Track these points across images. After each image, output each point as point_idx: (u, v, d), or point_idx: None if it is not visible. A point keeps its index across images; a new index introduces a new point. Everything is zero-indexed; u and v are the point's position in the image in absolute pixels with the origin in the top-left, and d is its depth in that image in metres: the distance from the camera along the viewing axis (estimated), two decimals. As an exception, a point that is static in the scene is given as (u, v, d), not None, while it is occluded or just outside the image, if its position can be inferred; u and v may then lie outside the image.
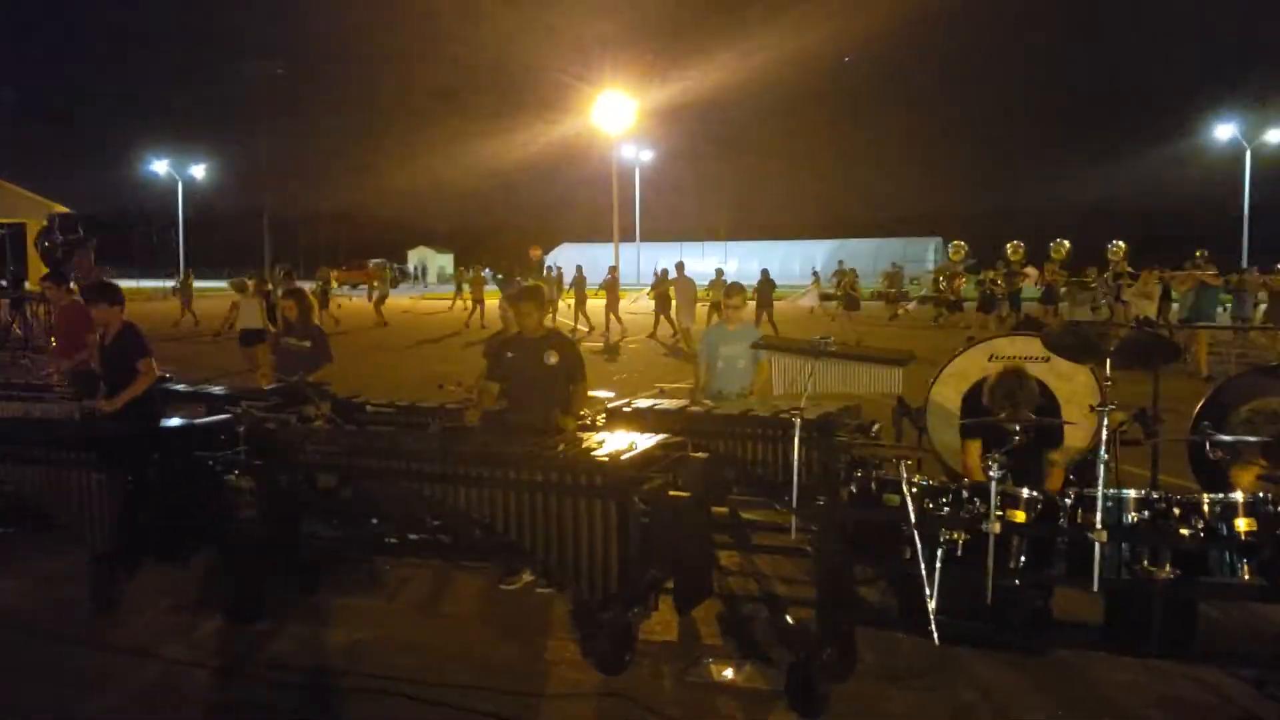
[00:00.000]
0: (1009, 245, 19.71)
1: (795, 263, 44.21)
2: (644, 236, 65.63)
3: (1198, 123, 62.46)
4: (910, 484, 4.38)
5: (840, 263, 40.07)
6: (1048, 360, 6.13)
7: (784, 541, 6.81)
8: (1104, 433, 4.22)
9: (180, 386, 8.43)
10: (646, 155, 65.69)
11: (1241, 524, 4.13)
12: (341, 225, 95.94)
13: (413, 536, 5.86)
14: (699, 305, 23.62)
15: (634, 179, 64.55)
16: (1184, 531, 4.09)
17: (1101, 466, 4.17)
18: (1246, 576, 4.14)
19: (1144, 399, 6.27)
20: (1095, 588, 4.10)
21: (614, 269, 29.95)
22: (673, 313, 22.95)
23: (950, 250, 19.95)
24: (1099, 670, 4.85)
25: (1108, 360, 4.33)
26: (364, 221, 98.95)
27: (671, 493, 5.21)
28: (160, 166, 66.16)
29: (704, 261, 44.60)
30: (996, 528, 4.20)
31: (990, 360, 6.27)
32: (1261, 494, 4.20)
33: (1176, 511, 4.23)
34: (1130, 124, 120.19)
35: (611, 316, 26.18)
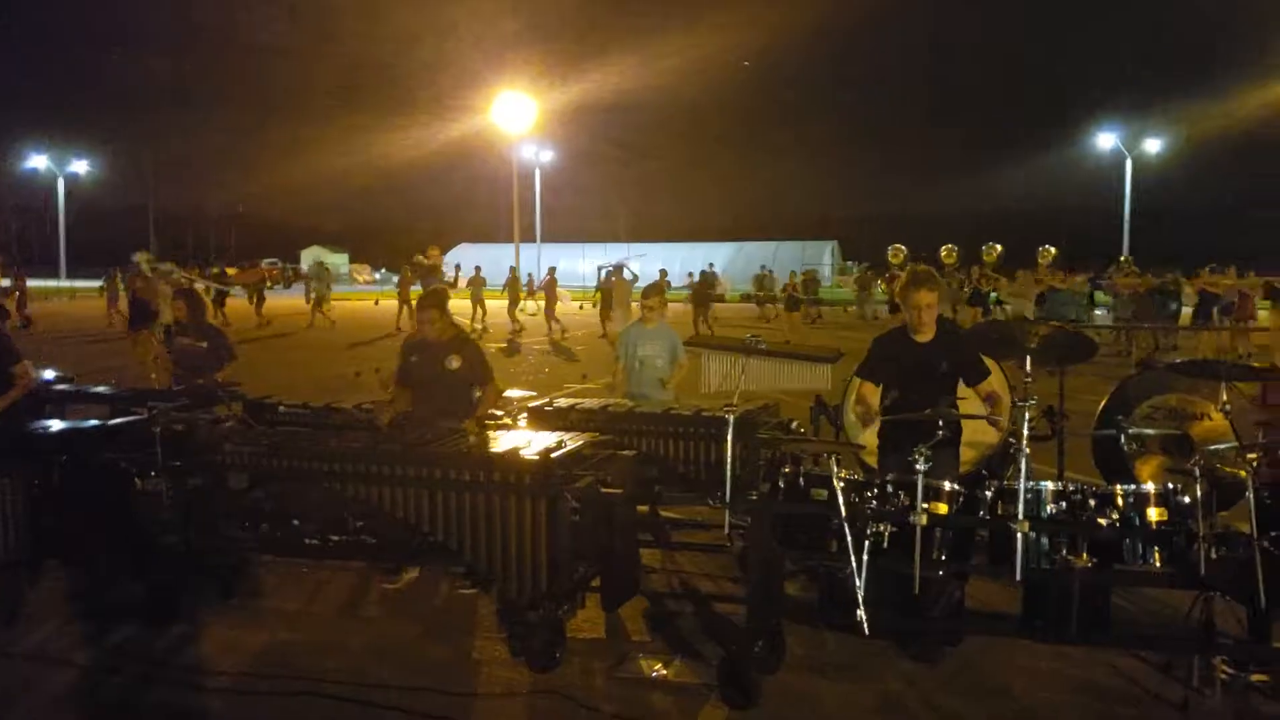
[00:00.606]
0: (890, 249, 19.92)
1: (696, 264, 44.45)
2: (545, 237, 65.41)
3: (1082, 131, 64.90)
4: (839, 478, 4.47)
5: (762, 267, 40.67)
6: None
7: (706, 538, 6.92)
8: (1025, 427, 4.38)
9: (81, 389, 8.14)
10: (547, 156, 65.53)
11: (1153, 514, 4.32)
12: (231, 224, 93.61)
13: (335, 538, 5.76)
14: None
15: (534, 179, 64.32)
16: (1101, 522, 4.26)
17: (1023, 460, 4.31)
18: (1158, 564, 4.33)
19: (1051, 396, 6.51)
20: (1018, 577, 4.25)
21: (553, 269, 30.39)
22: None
23: (890, 253, 19.86)
24: (1016, 657, 5.03)
25: (1028, 357, 4.49)
26: (255, 220, 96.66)
27: (604, 490, 5.23)
28: (39, 161, 63.72)
29: (606, 262, 44.67)
30: (924, 520, 4.32)
31: (838, 356, 6.41)
32: (1170, 485, 4.38)
33: (1092, 503, 4.40)
34: (1020, 131, 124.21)
35: (550, 316, 26.87)
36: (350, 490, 5.43)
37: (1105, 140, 54.98)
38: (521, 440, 5.47)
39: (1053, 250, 19.29)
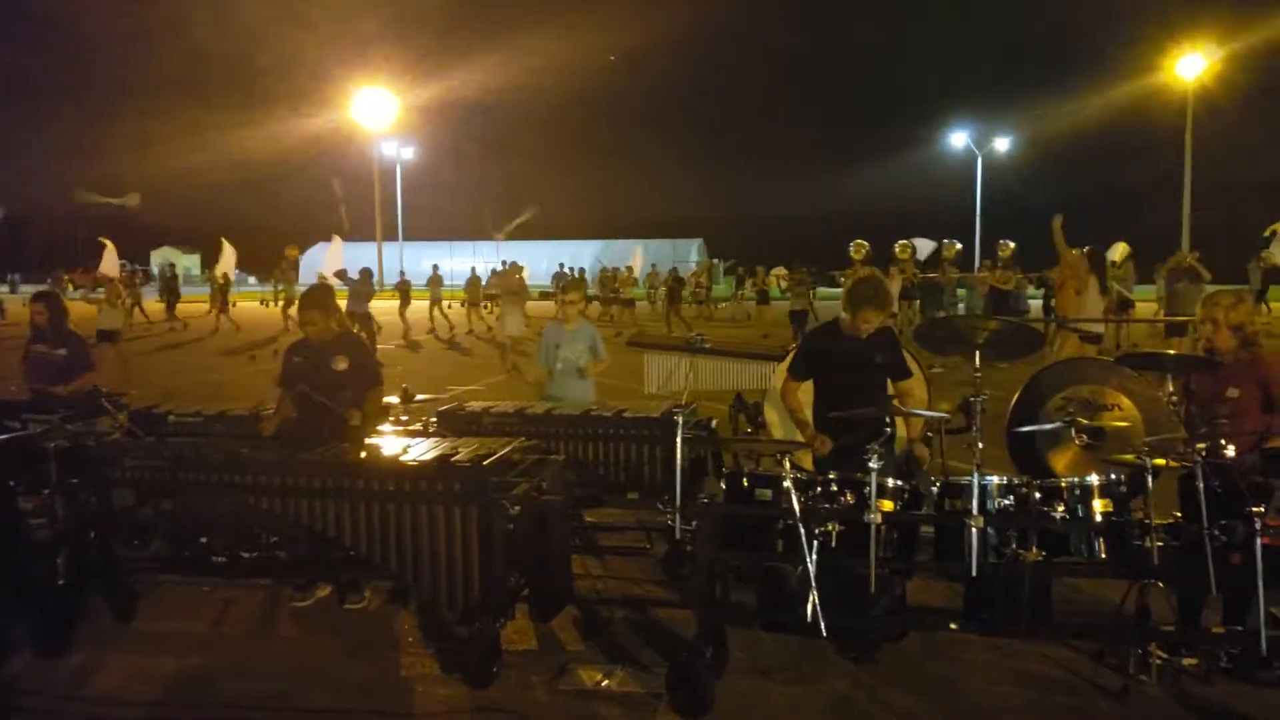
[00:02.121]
0: (853, 244, 19.67)
1: (564, 262, 44.43)
2: (409, 235, 64.34)
3: (936, 130, 67.15)
4: (790, 478, 4.40)
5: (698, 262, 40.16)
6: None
7: (624, 540, 6.80)
8: (977, 420, 4.39)
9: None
10: (409, 153, 64.39)
11: (1098, 505, 4.38)
12: (76, 224, 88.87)
13: (245, 555, 5.43)
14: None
15: (396, 177, 63.17)
16: (1056, 515, 4.29)
17: (976, 454, 4.32)
18: (1103, 555, 4.39)
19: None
20: (974, 573, 4.25)
21: (436, 267, 30.32)
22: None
23: (897, 248, 19.64)
24: (954, 652, 5.06)
25: (976, 353, 4.51)
26: (100, 219, 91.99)
27: (544, 496, 5.06)
28: None
29: (473, 260, 44.20)
30: (878, 518, 4.28)
31: (784, 353, 6.38)
32: (1113, 476, 4.45)
33: (1038, 496, 4.44)
34: (881, 132, 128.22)
35: (437, 312, 27.63)
36: (265, 504, 5.13)
37: (958, 139, 57.07)
38: (446, 446, 5.26)
39: (1011, 245, 19.47)
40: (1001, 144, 57.59)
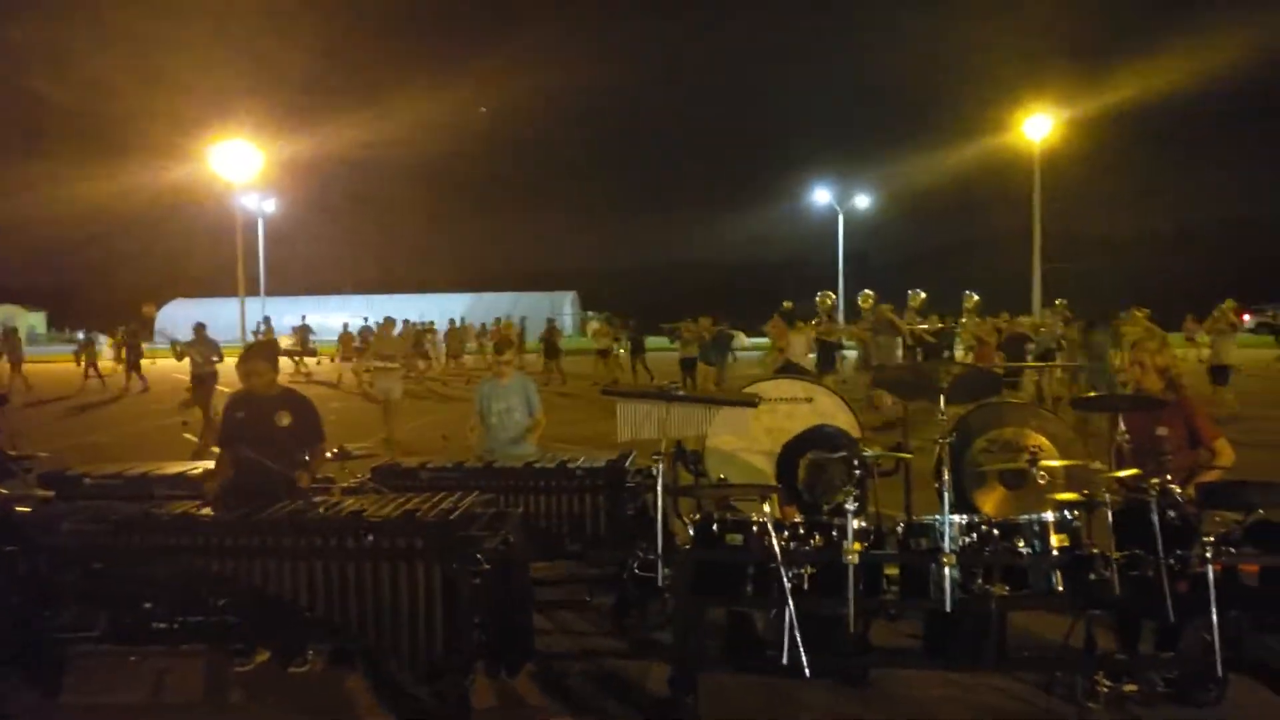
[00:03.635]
0: (860, 295, 19.68)
1: (433, 315, 44.02)
2: (271, 291, 62.72)
3: (799, 186, 69.30)
4: (764, 523, 4.50)
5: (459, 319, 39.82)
6: (810, 401, 6.54)
7: (563, 594, 6.77)
8: (944, 464, 4.56)
9: None
10: (270, 207, 62.92)
11: (1054, 540, 4.59)
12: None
13: (193, 619, 5.21)
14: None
15: (258, 231, 61.63)
16: (1022, 551, 4.49)
17: (944, 495, 4.49)
18: (1060, 588, 4.60)
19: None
20: (948, 608, 4.39)
21: (305, 317, 29.96)
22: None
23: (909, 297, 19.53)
24: (913, 689, 5.20)
25: (941, 396, 4.70)
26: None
27: (509, 550, 5.03)
28: None
29: (340, 315, 43.54)
30: (854, 559, 4.40)
31: (757, 401, 6.52)
32: (1068, 513, 4.67)
33: (996, 533, 4.64)
34: (749, 187, 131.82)
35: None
36: (215, 566, 4.96)
37: (821, 195, 59.02)
38: (406, 502, 5.19)
39: (922, 295, 19.69)
40: (862, 201, 59.89)
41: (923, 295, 19.60)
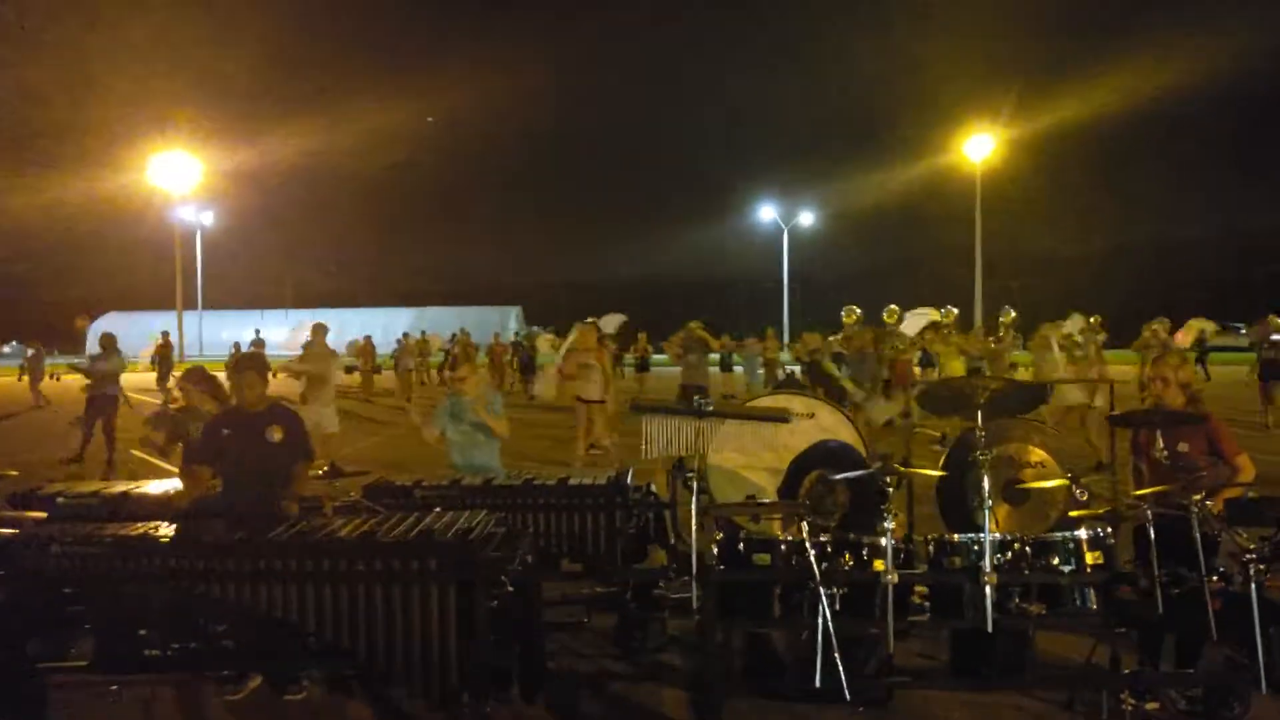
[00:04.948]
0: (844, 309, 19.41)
1: (376, 330, 43.40)
2: (210, 304, 61.66)
3: (746, 204, 69.81)
4: (796, 543, 4.39)
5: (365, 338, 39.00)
6: (812, 417, 6.46)
7: (561, 616, 6.60)
8: (986, 482, 4.49)
9: None
10: (208, 219, 61.83)
11: (1089, 558, 4.54)
12: None
13: (186, 647, 4.96)
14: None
15: (195, 244, 60.55)
16: (1065, 569, 4.43)
17: (987, 514, 4.41)
18: (1094, 606, 4.55)
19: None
20: (989, 628, 4.31)
21: (259, 331, 29.32)
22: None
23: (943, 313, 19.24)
24: (933, 708, 5.11)
25: (979, 412, 4.63)
26: None
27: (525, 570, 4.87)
28: None
29: (282, 329, 42.75)
30: (894, 578, 4.31)
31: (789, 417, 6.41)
32: (1099, 530, 4.63)
33: (1029, 551, 4.57)
34: (694, 204, 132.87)
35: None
36: (216, 590, 4.72)
37: (766, 213, 59.45)
38: (417, 522, 4.99)
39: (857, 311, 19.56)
40: (806, 218, 60.38)
41: (858, 311, 19.59)
